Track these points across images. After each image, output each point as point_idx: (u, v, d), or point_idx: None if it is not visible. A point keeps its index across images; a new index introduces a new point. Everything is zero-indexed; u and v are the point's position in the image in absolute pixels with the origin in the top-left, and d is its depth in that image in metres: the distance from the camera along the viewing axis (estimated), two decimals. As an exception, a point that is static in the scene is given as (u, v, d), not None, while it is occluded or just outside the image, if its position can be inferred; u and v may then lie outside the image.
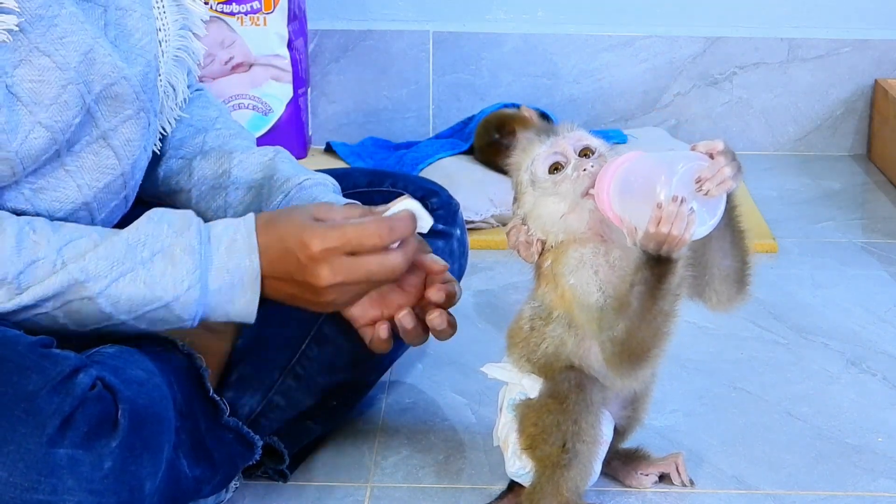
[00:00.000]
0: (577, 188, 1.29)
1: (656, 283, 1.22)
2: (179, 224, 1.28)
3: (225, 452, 1.38)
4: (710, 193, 1.22)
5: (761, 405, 1.69)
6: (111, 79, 1.30)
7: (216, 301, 1.28)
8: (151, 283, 1.26)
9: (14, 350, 1.18)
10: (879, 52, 2.78)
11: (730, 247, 1.31)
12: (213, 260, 1.28)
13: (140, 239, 1.27)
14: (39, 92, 1.25)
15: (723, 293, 1.32)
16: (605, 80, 2.79)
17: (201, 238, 1.28)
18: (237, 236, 1.29)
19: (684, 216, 1.19)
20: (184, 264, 1.26)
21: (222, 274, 1.28)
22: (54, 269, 1.24)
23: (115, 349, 1.27)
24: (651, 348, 1.26)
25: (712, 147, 1.24)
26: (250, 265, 1.28)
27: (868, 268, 2.18)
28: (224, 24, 2.58)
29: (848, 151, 2.82)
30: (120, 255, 1.26)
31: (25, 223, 1.26)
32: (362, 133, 2.79)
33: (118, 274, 1.25)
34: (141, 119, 1.35)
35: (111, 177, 1.35)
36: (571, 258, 1.30)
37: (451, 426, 1.63)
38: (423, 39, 2.77)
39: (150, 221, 1.28)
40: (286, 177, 1.46)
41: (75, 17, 1.26)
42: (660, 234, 1.19)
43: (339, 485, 1.49)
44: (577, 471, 1.33)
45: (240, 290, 1.28)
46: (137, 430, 1.19)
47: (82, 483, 1.15)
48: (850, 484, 1.50)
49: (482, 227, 2.32)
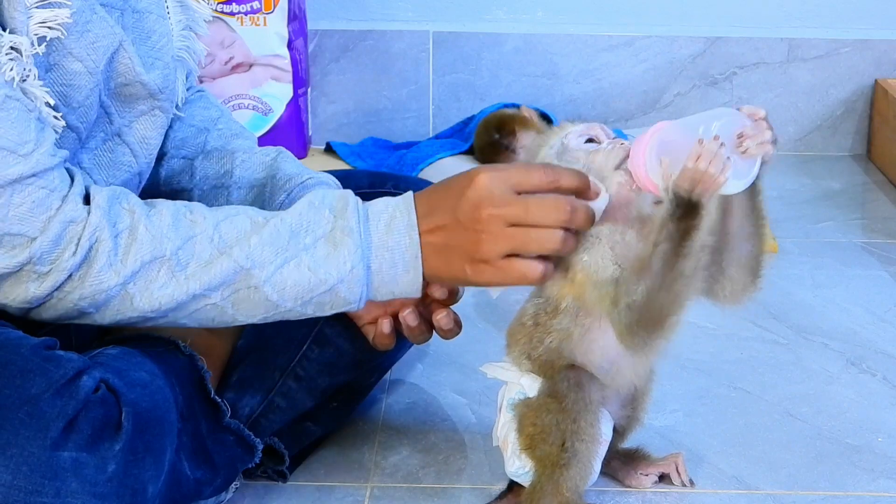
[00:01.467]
0: (611, 160, 1.29)
1: (680, 240, 1.21)
2: (339, 207, 1.28)
3: (226, 455, 1.38)
4: (749, 152, 1.22)
5: (761, 405, 1.69)
6: (126, 79, 1.31)
7: (379, 280, 1.28)
8: (315, 267, 1.26)
9: (17, 353, 1.18)
10: (879, 52, 2.78)
11: (750, 230, 1.30)
12: (372, 238, 1.27)
13: (303, 225, 1.27)
14: (69, 95, 1.25)
15: (737, 281, 1.32)
16: (605, 80, 2.79)
17: (359, 217, 1.28)
18: (396, 213, 1.28)
19: (723, 157, 1.19)
20: (345, 246, 1.26)
21: (382, 252, 1.27)
22: (212, 244, 1.24)
23: (118, 350, 1.27)
24: (669, 315, 1.26)
25: (755, 111, 1.25)
26: (410, 242, 1.27)
27: (868, 268, 2.18)
28: (224, 24, 2.58)
29: (848, 151, 2.82)
30: (284, 242, 1.26)
31: (182, 205, 1.27)
32: (362, 133, 2.79)
33: (283, 261, 1.25)
34: (157, 117, 1.35)
35: (128, 174, 1.35)
36: (587, 236, 1.29)
37: (451, 426, 1.63)
38: (423, 39, 2.77)
39: (311, 206, 1.28)
40: (289, 175, 1.47)
41: (105, 21, 1.26)
42: (697, 170, 1.19)
43: (339, 485, 1.49)
44: (577, 470, 1.33)
45: (402, 268, 1.28)
46: (141, 433, 1.19)
47: (86, 486, 1.15)
48: (850, 484, 1.50)
49: (482, 227, 2.31)
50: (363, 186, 1.60)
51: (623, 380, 1.35)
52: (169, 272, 1.23)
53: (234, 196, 1.48)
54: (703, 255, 1.25)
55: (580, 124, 1.33)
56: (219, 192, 1.48)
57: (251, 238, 1.25)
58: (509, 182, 1.26)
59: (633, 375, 1.36)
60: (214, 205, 1.48)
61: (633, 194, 1.29)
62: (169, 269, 1.23)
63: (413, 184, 1.65)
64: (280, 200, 1.45)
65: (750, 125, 1.23)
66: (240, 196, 1.48)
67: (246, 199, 1.48)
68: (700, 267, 1.25)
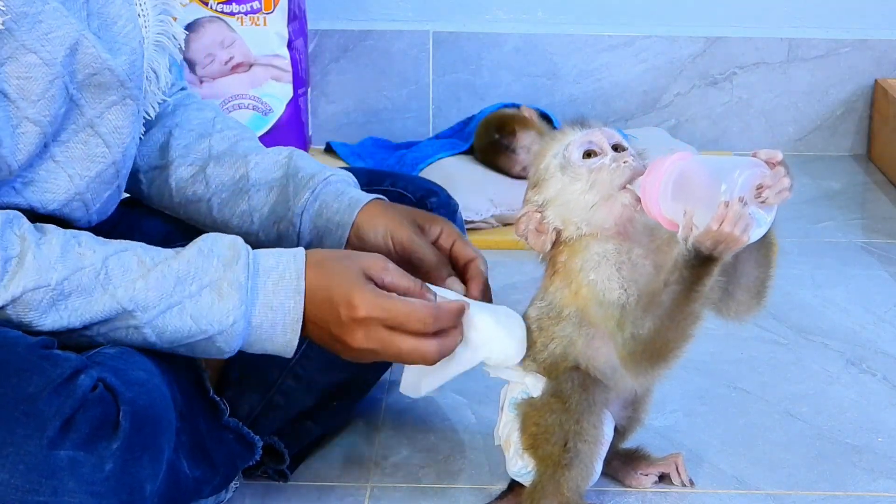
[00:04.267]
0: (616, 179, 1.28)
1: (693, 284, 1.21)
2: (229, 256, 1.29)
3: (225, 453, 1.38)
4: (768, 202, 1.21)
5: (761, 405, 1.69)
6: (94, 69, 1.30)
7: (256, 336, 1.30)
8: (198, 317, 1.27)
9: (14, 352, 1.18)
10: (879, 52, 2.78)
11: (760, 258, 1.30)
12: (258, 295, 1.29)
13: (190, 272, 1.27)
14: (26, 88, 1.25)
15: (742, 303, 1.32)
16: (605, 80, 2.79)
17: (249, 272, 1.29)
18: (286, 273, 1.29)
19: (747, 217, 1.19)
20: (230, 299, 1.27)
21: (266, 311, 1.29)
22: (97, 279, 1.25)
23: (116, 350, 1.27)
24: (674, 349, 1.26)
25: (773, 156, 1.23)
26: (294, 307, 1.29)
27: (868, 268, 2.18)
28: (224, 24, 2.58)
29: (848, 151, 2.82)
30: (169, 287, 1.26)
31: (72, 235, 1.27)
32: (362, 133, 2.79)
33: (166, 306, 1.26)
34: (128, 105, 1.35)
35: (102, 165, 1.35)
36: (593, 254, 1.29)
37: (451, 426, 1.63)
38: (423, 39, 2.77)
39: (200, 254, 1.29)
40: (310, 174, 1.48)
41: (59, 12, 1.26)
42: (722, 232, 1.18)
43: (339, 485, 1.49)
44: (579, 470, 1.33)
45: (280, 329, 1.30)
46: (138, 431, 1.19)
47: (83, 485, 1.15)
48: (850, 484, 1.50)
49: (482, 227, 2.32)
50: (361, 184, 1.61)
51: (626, 385, 1.35)
52: (50, 301, 1.24)
53: (255, 200, 1.48)
54: (714, 294, 1.25)
55: (580, 131, 1.32)
56: (238, 198, 1.49)
57: (137, 282, 1.26)
58: (386, 323, 1.28)
59: (636, 383, 1.36)
60: (237, 210, 1.48)
61: (638, 214, 1.28)
62: (51, 297, 1.24)
63: (410, 181, 1.66)
64: (305, 199, 1.46)
65: (769, 174, 1.22)
66: (261, 198, 1.48)
67: (268, 199, 1.48)
68: (709, 305, 1.25)
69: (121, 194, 1.42)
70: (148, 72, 1.43)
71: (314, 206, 1.46)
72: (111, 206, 1.40)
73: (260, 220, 1.48)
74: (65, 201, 1.32)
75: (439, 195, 1.65)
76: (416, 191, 1.63)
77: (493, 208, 2.33)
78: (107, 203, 1.39)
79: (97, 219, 1.39)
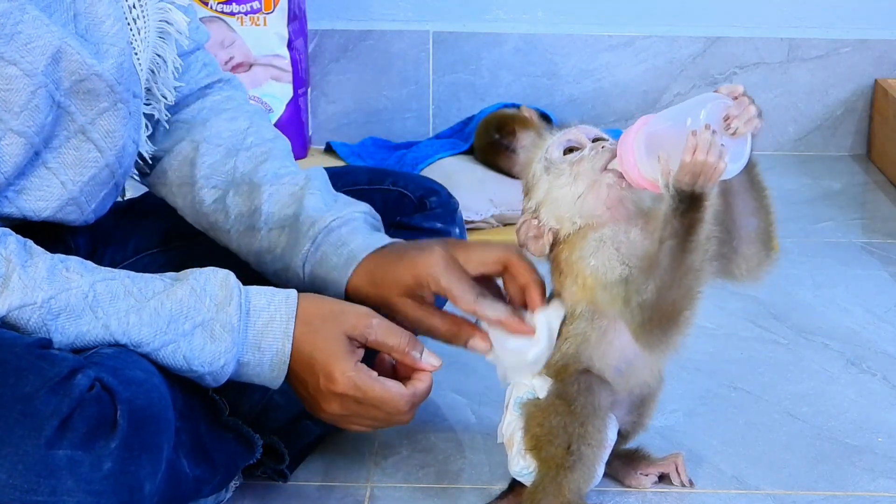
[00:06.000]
0: (596, 163, 1.29)
1: (686, 235, 1.21)
2: (221, 297, 1.30)
3: (225, 452, 1.38)
4: (739, 132, 1.22)
5: (761, 405, 1.69)
6: (80, 75, 1.30)
7: (244, 371, 1.33)
8: (190, 357, 1.29)
9: (11, 351, 1.18)
10: (879, 52, 2.77)
11: (754, 204, 1.31)
12: (248, 335, 1.31)
13: (182, 311, 1.29)
14: (8, 100, 1.25)
15: (751, 257, 1.32)
16: (605, 80, 2.79)
17: (241, 313, 1.30)
18: (276, 315, 1.31)
19: (718, 144, 1.19)
20: (222, 342, 1.29)
21: (254, 350, 1.31)
22: (85, 301, 1.25)
23: (114, 350, 1.27)
24: (682, 309, 1.26)
25: (734, 89, 1.24)
26: (281, 349, 1.31)
27: (868, 268, 2.18)
28: (224, 24, 2.58)
29: (848, 151, 2.82)
30: (163, 325, 1.28)
31: (59, 260, 1.27)
32: (362, 133, 2.79)
33: (160, 344, 1.28)
34: (119, 110, 1.34)
35: (95, 169, 1.34)
36: (590, 242, 1.29)
37: (451, 426, 1.63)
38: (423, 39, 2.77)
39: (192, 294, 1.29)
40: (312, 220, 1.44)
41: (40, 21, 1.25)
42: (696, 162, 1.18)
43: (339, 485, 1.49)
44: (581, 473, 1.33)
45: (268, 367, 1.32)
46: (137, 430, 1.19)
47: (82, 484, 1.15)
48: (850, 484, 1.50)
49: (482, 227, 2.32)
50: (362, 183, 1.60)
51: (638, 380, 1.35)
52: (40, 320, 1.25)
53: (266, 240, 1.46)
54: (711, 246, 1.25)
55: (558, 132, 1.33)
56: (253, 235, 1.47)
57: (130, 315, 1.27)
58: (361, 401, 1.32)
59: (649, 375, 1.36)
60: (253, 247, 1.47)
61: (625, 192, 1.29)
62: (40, 316, 1.24)
63: (411, 180, 1.65)
64: (306, 249, 1.43)
65: (733, 105, 1.23)
66: (272, 239, 1.46)
67: (278, 241, 1.45)
68: (708, 258, 1.25)
69: (118, 191, 1.41)
70: (154, 59, 1.43)
71: (315, 257, 1.44)
72: (108, 204, 1.40)
73: (272, 262, 1.47)
74: (58, 207, 1.33)
75: (440, 194, 1.65)
76: (417, 189, 1.63)
77: (493, 208, 2.33)
78: (103, 202, 1.38)
79: (94, 217, 1.39)
